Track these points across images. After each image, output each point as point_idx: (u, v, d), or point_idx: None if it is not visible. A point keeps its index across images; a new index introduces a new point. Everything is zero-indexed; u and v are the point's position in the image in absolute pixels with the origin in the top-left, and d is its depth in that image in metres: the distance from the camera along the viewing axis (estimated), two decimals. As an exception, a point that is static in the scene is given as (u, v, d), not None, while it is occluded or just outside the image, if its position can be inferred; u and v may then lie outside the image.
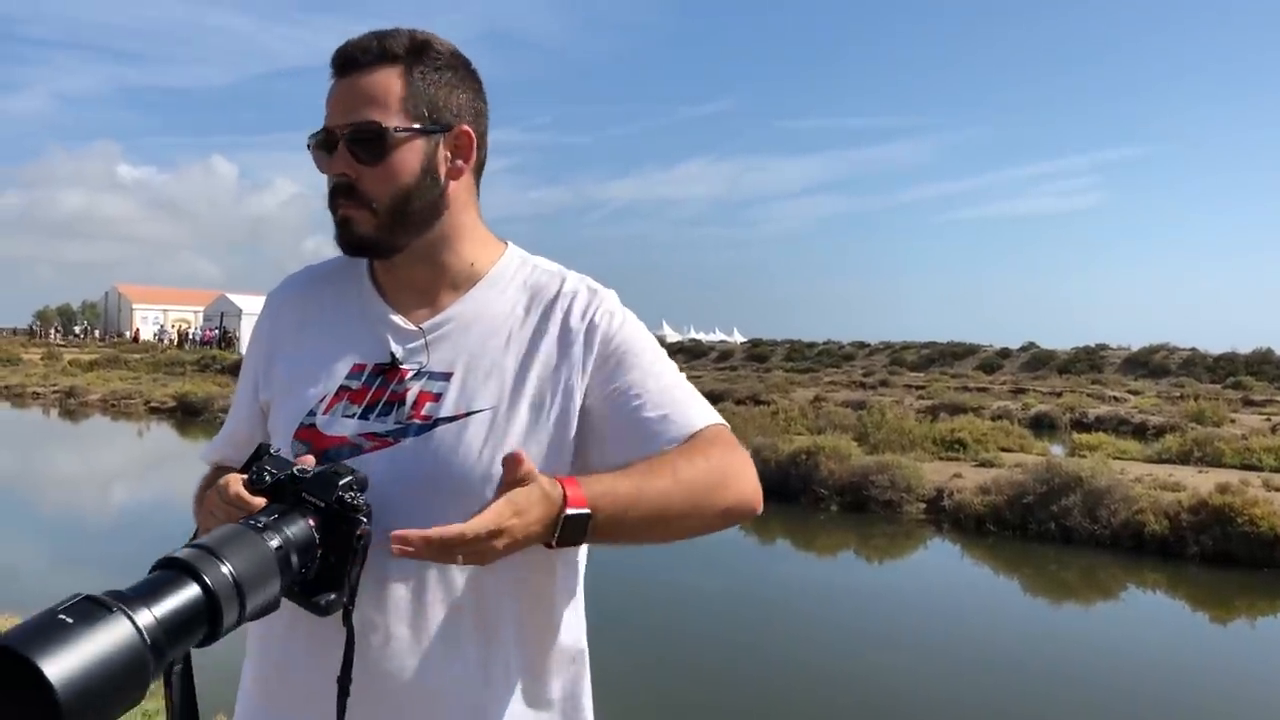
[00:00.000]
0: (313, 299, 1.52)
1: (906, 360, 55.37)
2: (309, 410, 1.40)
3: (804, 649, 8.21)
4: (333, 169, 1.39)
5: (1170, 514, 11.41)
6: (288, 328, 1.50)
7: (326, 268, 1.56)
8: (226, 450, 1.52)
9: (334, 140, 1.38)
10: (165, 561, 1.06)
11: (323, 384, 1.42)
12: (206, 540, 1.09)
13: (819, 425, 18.47)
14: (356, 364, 1.42)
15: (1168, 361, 48.34)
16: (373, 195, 1.38)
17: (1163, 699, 7.26)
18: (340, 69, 1.40)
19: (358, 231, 1.39)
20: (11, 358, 44.85)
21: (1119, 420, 25.11)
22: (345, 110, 1.38)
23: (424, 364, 1.40)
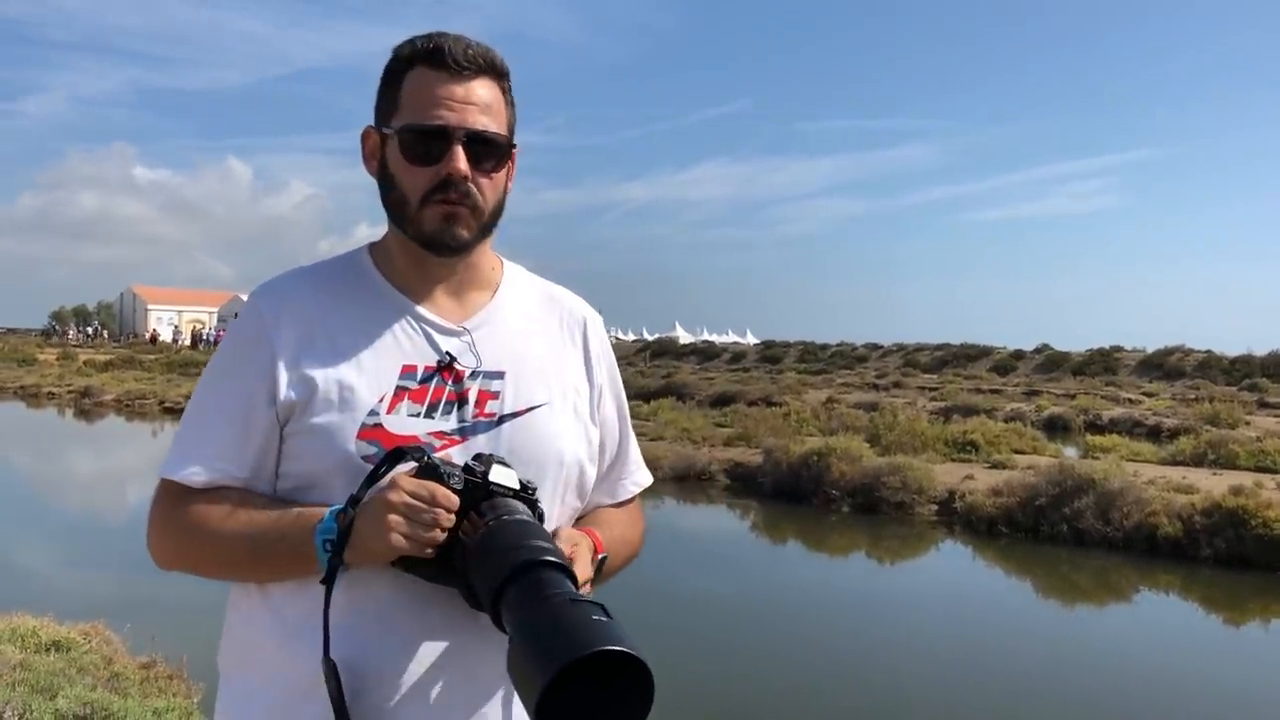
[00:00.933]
0: (321, 302, 1.46)
1: (920, 362, 55.27)
2: (370, 410, 1.39)
3: (814, 650, 8.21)
4: (455, 169, 1.39)
5: (1183, 516, 11.36)
6: (300, 333, 1.42)
7: (319, 270, 1.52)
8: (225, 467, 1.40)
9: (449, 139, 1.40)
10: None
11: (377, 385, 1.40)
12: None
13: (831, 427, 18.46)
14: (406, 365, 1.42)
15: (1183, 363, 48.14)
16: (484, 202, 1.44)
17: (1175, 701, 7.23)
18: (448, 67, 1.41)
19: (462, 234, 1.43)
20: (27, 358, 45.12)
21: (1133, 422, 25.03)
22: (470, 114, 1.41)
23: (478, 363, 1.46)
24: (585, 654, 1.07)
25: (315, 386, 1.39)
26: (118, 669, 5.41)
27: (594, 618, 1.12)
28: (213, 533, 1.38)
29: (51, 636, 5.58)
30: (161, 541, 1.45)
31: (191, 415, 1.45)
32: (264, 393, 1.40)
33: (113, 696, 4.59)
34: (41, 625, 5.73)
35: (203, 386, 1.47)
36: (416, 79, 1.42)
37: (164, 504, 1.44)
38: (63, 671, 4.93)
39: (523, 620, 1.15)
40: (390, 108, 1.45)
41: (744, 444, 17.63)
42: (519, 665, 1.13)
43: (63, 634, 5.67)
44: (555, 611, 1.14)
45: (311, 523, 1.33)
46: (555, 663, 1.07)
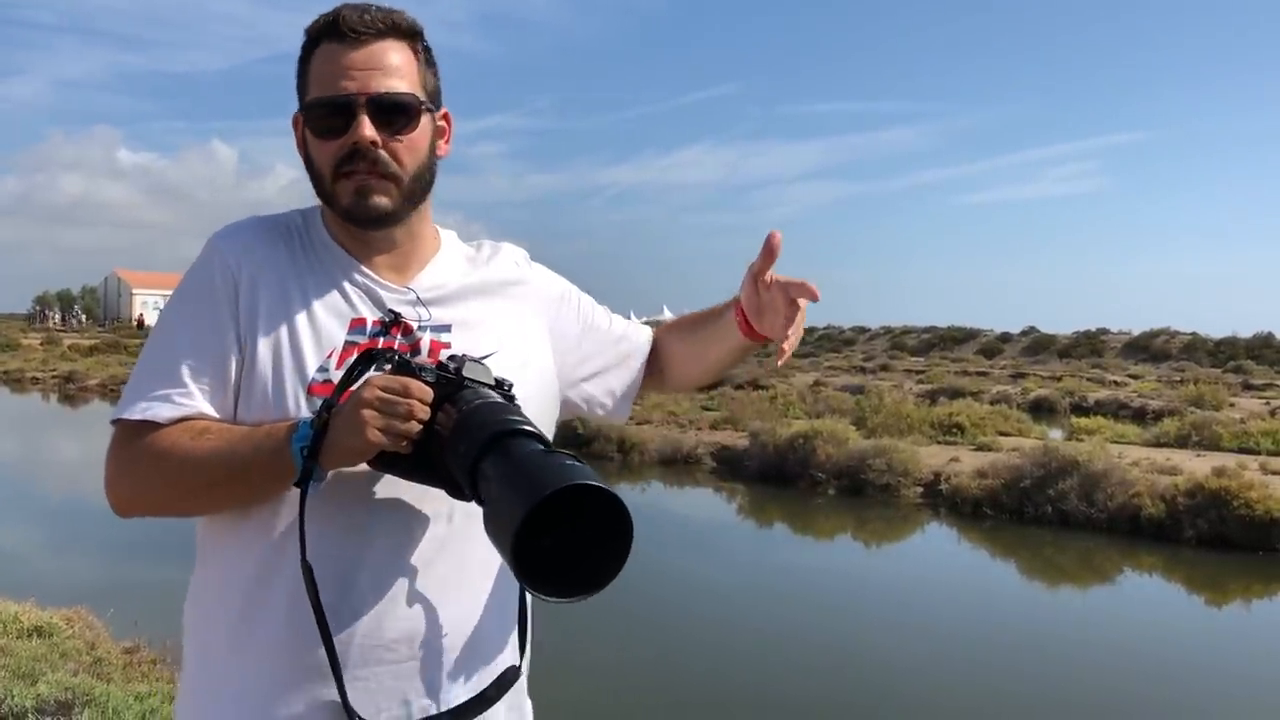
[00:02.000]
0: (276, 253, 1.44)
1: (907, 345, 55.47)
2: (320, 366, 1.37)
3: (800, 632, 8.23)
4: (360, 137, 1.37)
5: (1166, 497, 11.43)
6: (255, 280, 1.41)
7: (276, 222, 1.50)
8: (192, 404, 1.37)
9: (352, 107, 1.37)
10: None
11: (327, 339, 1.39)
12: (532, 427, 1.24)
13: (817, 410, 18.50)
14: (355, 319, 1.42)
15: (1168, 346, 48.43)
16: (399, 166, 1.41)
17: (1158, 681, 7.28)
18: (345, 36, 1.39)
19: (380, 203, 1.40)
20: (11, 343, 44.85)
21: (1118, 404, 25.15)
22: (372, 78, 1.38)
23: (426, 318, 1.45)
24: (553, 490, 1.07)
25: (265, 339, 1.38)
26: (100, 654, 5.40)
27: (565, 462, 1.13)
28: (184, 456, 1.34)
29: (33, 622, 5.56)
30: (123, 480, 1.40)
31: (154, 355, 1.41)
32: (232, 335, 1.38)
33: (95, 681, 4.57)
34: (23, 610, 5.71)
35: (165, 328, 1.43)
36: (321, 55, 1.40)
37: (125, 445, 1.39)
38: (45, 657, 4.92)
39: (496, 477, 1.15)
40: (302, 88, 1.43)
41: (730, 427, 17.65)
42: (494, 520, 1.13)
43: (45, 619, 5.65)
44: (525, 460, 1.14)
45: (285, 432, 1.31)
46: (526, 503, 1.07)
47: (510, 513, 1.09)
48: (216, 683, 1.39)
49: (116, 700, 4.29)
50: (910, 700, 6.72)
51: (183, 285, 1.45)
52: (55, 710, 4.18)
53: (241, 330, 1.38)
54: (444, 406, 1.28)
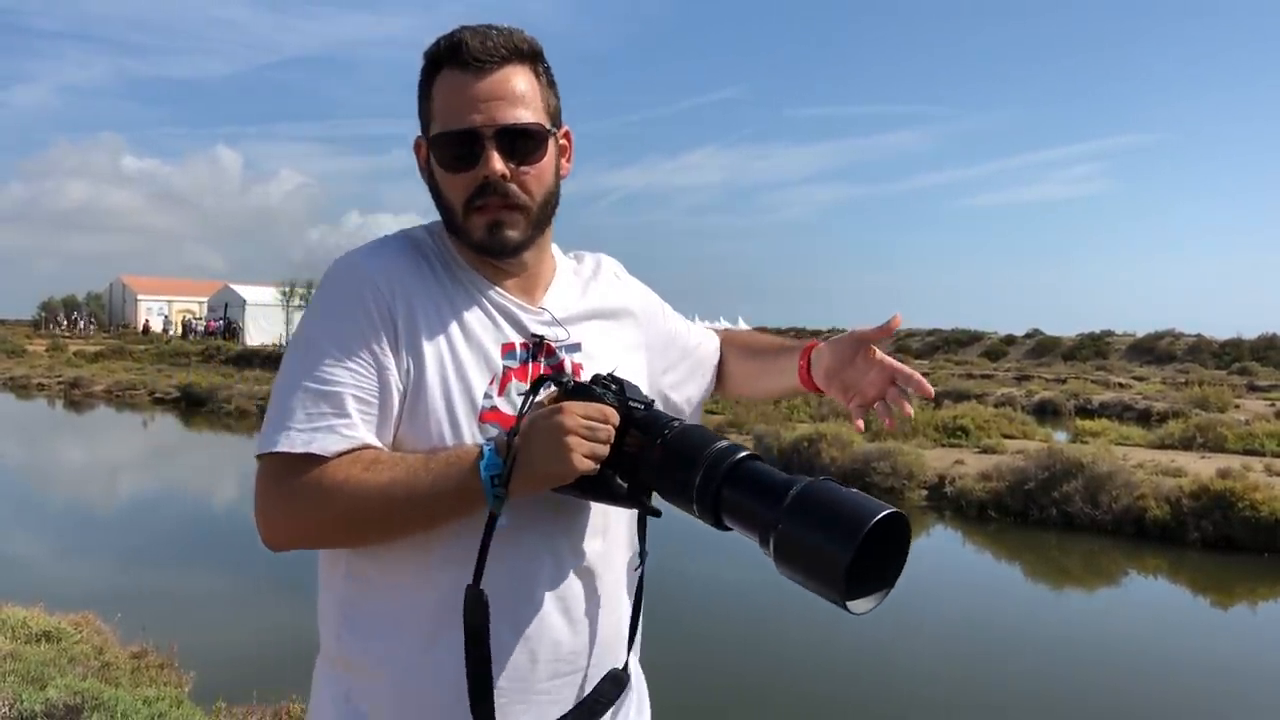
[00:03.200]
0: (422, 276, 1.43)
1: (911, 348, 55.36)
2: (485, 393, 1.39)
3: (803, 635, 8.23)
4: (491, 171, 1.37)
5: (1171, 499, 11.41)
6: (410, 306, 1.39)
7: (412, 241, 1.48)
8: (358, 435, 1.35)
9: (480, 140, 1.37)
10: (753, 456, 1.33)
11: (487, 366, 1.41)
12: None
13: (821, 412, 18.49)
14: (505, 344, 1.43)
15: (1173, 347, 48.33)
16: (529, 196, 1.41)
17: (1164, 683, 7.28)
18: (468, 65, 1.38)
19: (511, 236, 1.41)
20: (16, 349, 44.93)
21: (1123, 406, 25.10)
22: (499, 109, 1.38)
23: (565, 338, 1.48)
24: (874, 521, 1.17)
25: (431, 367, 1.38)
26: (108, 659, 5.42)
27: (850, 489, 1.24)
28: (360, 489, 1.31)
29: (42, 627, 5.58)
30: (285, 516, 1.36)
31: (308, 383, 1.35)
32: (395, 364, 1.37)
33: (103, 686, 4.60)
34: (32, 616, 5.73)
35: (315, 351, 1.37)
36: (443, 83, 1.40)
37: (284, 478, 1.33)
38: (53, 661, 4.94)
39: (798, 508, 1.22)
40: (426, 115, 1.43)
41: (735, 430, 17.65)
42: (800, 551, 1.21)
43: (53, 624, 5.67)
44: (825, 491, 1.23)
45: (470, 460, 1.31)
46: (853, 535, 1.16)
47: (831, 545, 1.17)
48: (393, 705, 1.39)
49: (125, 704, 4.31)
50: (914, 702, 6.73)
51: (329, 307, 1.40)
52: (64, 714, 4.21)
53: (404, 357, 1.37)
54: (629, 430, 1.35)
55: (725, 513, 1.29)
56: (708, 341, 1.80)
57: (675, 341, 1.72)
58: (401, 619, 1.39)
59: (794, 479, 1.25)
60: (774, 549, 1.23)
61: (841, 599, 1.18)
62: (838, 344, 1.59)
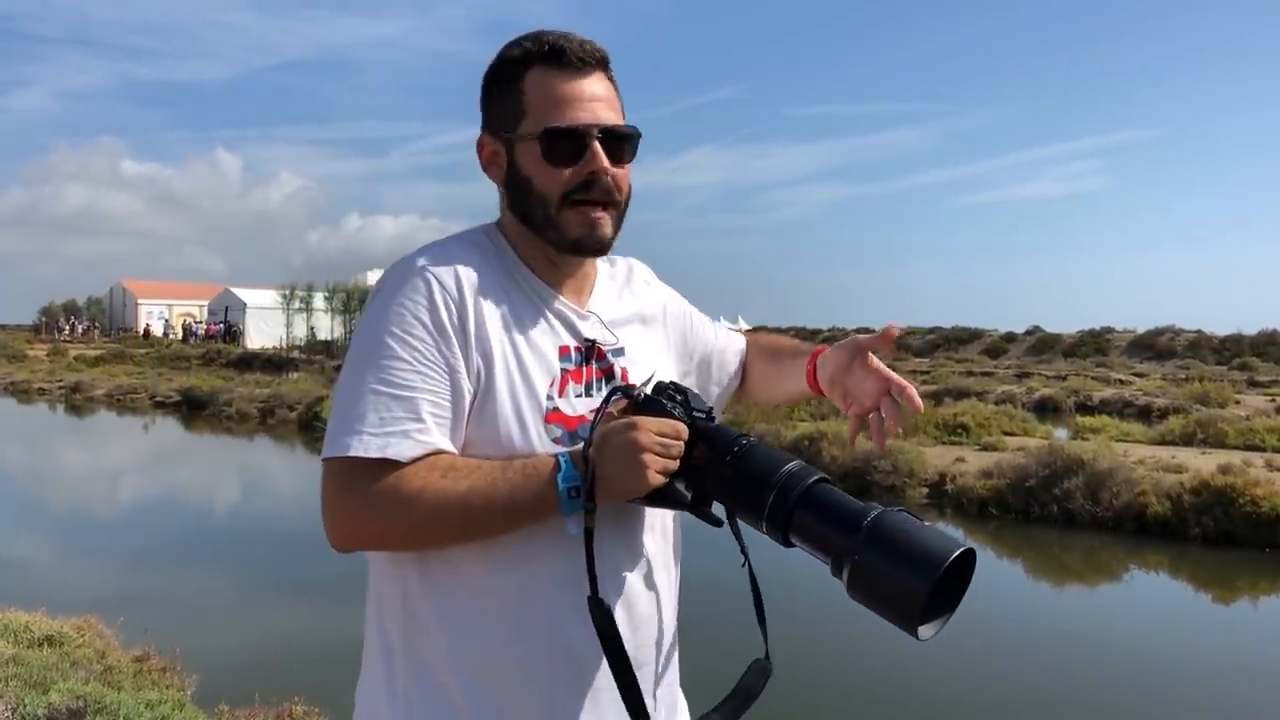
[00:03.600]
0: (486, 280, 1.45)
1: (911, 346, 55.34)
2: (547, 395, 1.43)
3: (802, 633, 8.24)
4: (602, 167, 1.43)
5: (1172, 496, 11.42)
6: (480, 309, 1.41)
7: (473, 244, 1.50)
8: (431, 440, 1.36)
9: (587, 138, 1.43)
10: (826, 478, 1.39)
11: (548, 368, 1.45)
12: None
13: (822, 411, 18.48)
14: (562, 346, 1.47)
15: (1173, 344, 48.31)
16: (620, 195, 1.48)
17: (1166, 678, 7.28)
18: (569, 65, 1.44)
19: (607, 233, 1.47)
20: (17, 354, 44.93)
21: (1123, 403, 25.10)
22: (601, 110, 1.44)
23: (614, 342, 1.54)
24: (957, 553, 1.23)
25: (499, 368, 1.41)
26: (111, 662, 5.43)
27: (924, 524, 1.29)
28: (439, 496, 1.33)
29: (44, 631, 5.59)
30: (359, 521, 1.35)
31: (380, 387, 1.35)
32: (465, 367, 1.39)
33: (106, 690, 4.60)
34: (34, 620, 5.74)
35: (384, 355, 1.37)
36: (540, 81, 1.45)
37: (358, 484, 1.33)
38: (56, 665, 4.95)
39: (876, 539, 1.27)
40: (513, 112, 1.46)
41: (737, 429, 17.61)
42: (876, 580, 1.27)
43: (55, 628, 5.68)
44: (902, 523, 1.27)
45: (547, 470, 1.35)
46: (936, 566, 1.22)
47: (909, 580, 1.23)
48: (477, 704, 1.41)
49: (128, 708, 4.32)
50: (915, 700, 6.74)
51: (396, 309, 1.39)
52: (66, 719, 4.21)
53: (473, 359, 1.39)
54: (697, 444, 1.40)
55: (795, 534, 1.35)
56: (734, 345, 1.86)
57: (704, 343, 1.78)
58: (476, 617, 1.41)
59: (869, 507, 1.30)
60: (848, 577, 1.28)
61: (914, 630, 1.26)
62: (839, 350, 1.63)
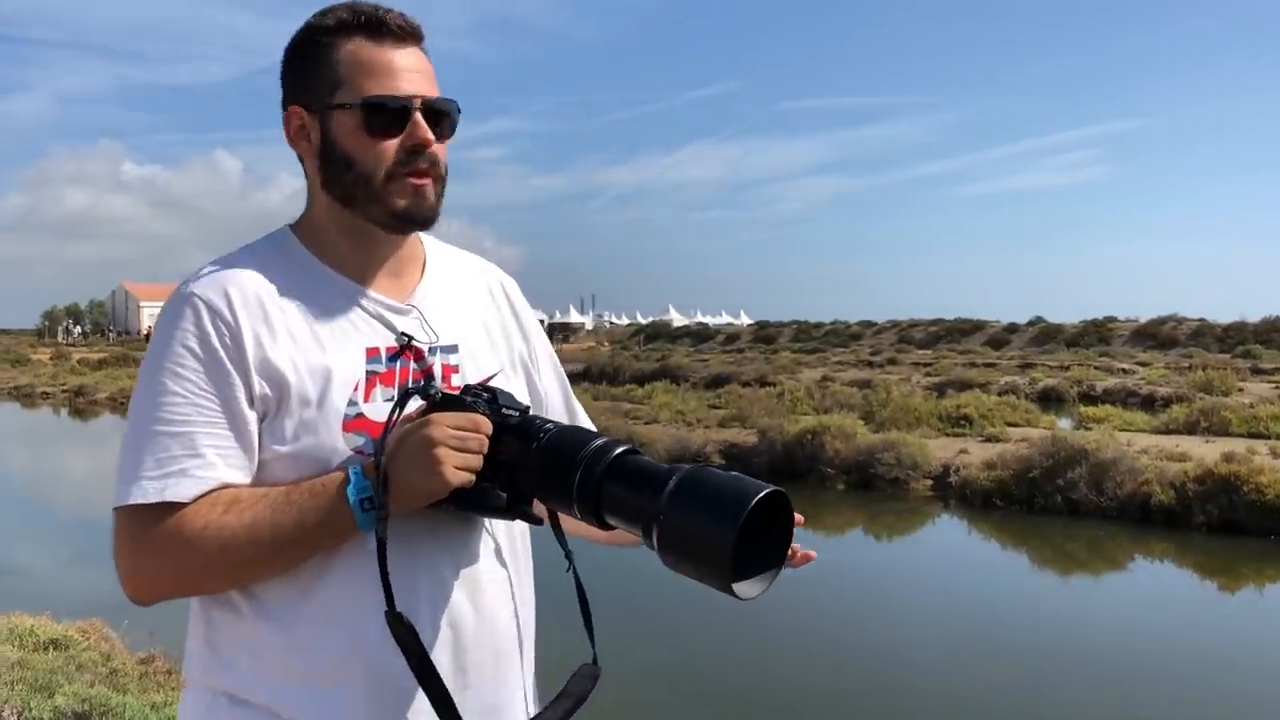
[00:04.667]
0: (268, 290, 1.36)
1: (914, 338, 55.39)
2: (349, 401, 1.33)
3: (811, 627, 8.24)
4: (426, 139, 1.37)
5: (1176, 484, 11.42)
6: (257, 325, 1.33)
7: (253, 256, 1.41)
8: (213, 475, 1.29)
9: (409, 110, 1.37)
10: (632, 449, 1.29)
11: (350, 373, 1.34)
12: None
13: (825, 405, 18.50)
14: (370, 348, 1.37)
15: (1176, 332, 48.23)
16: (443, 169, 1.41)
17: (1170, 667, 7.28)
18: (388, 36, 1.38)
19: (434, 204, 1.40)
20: (20, 358, 45.00)
21: (1127, 392, 25.09)
22: (420, 80, 1.38)
23: (435, 339, 1.43)
24: (763, 494, 1.16)
25: (288, 380, 1.31)
26: (116, 665, 5.43)
27: (726, 471, 1.22)
28: (222, 533, 1.26)
29: (49, 634, 5.60)
30: (148, 571, 1.30)
31: (155, 426, 1.29)
32: (244, 391, 1.31)
33: (111, 693, 4.61)
34: (39, 624, 5.75)
35: (157, 394, 1.30)
36: (357, 51, 1.37)
37: (142, 532, 1.28)
38: (61, 669, 4.95)
39: (680, 496, 1.18)
40: (327, 82, 1.37)
41: (739, 425, 17.65)
42: (682, 538, 1.17)
43: (60, 632, 5.68)
44: (706, 476, 1.19)
45: (334, 486, 1.27)
46: (735, 516, 1.13)
47: (714, 529, 1.14)
48: None
49: (133, 711, 4.33)
50: (922, 691, 6.74)
51: (166, 346, 1.32)
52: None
53: (255, 380, 1.31)
54: (503, 438, 1.30)
55: (607, 510, 1.26)
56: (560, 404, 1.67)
57: (555, 406, 1.63)
58: (278, 649, 1.32)
59: (675, 468, 1.22)
60: (657, 540, 1.19)
61: (727, 584, 1.15)
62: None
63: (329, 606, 1.31)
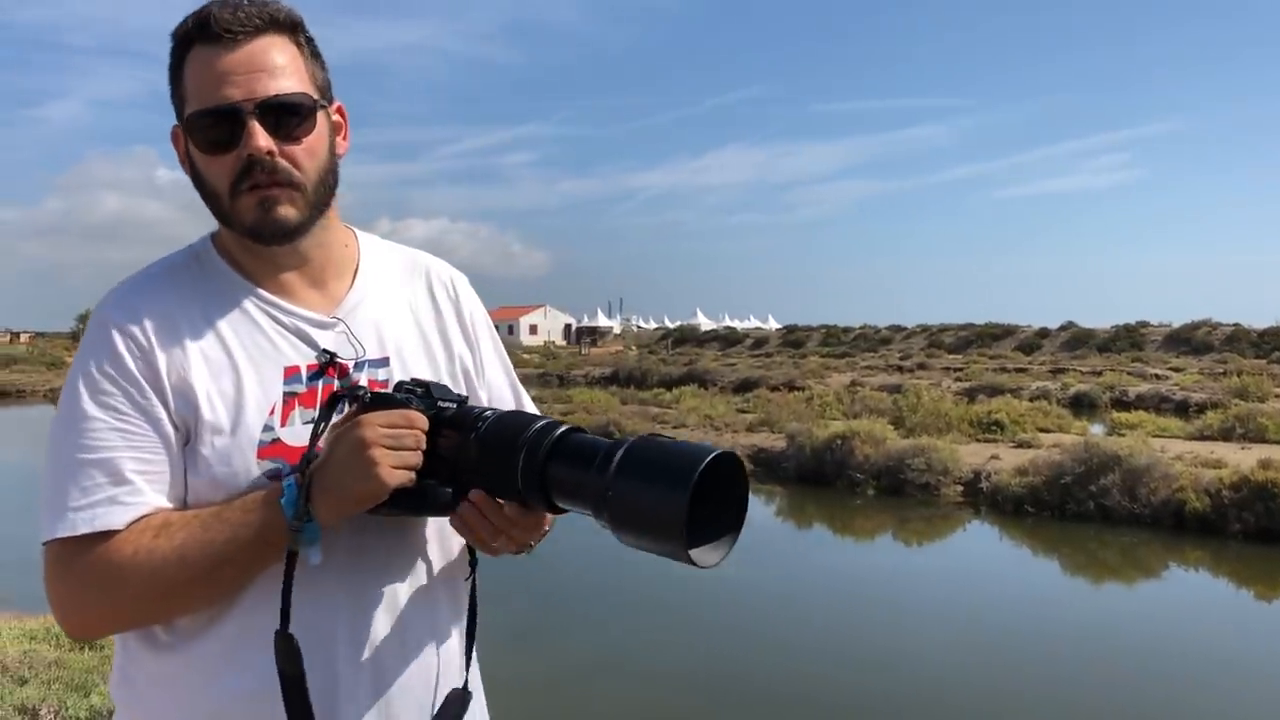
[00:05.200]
0: (182, 308, 1.30)
1: (944, 342, 55.04)
2: (264, 426, 1.26)
3: (842, 632, 8.22)
4: (255, 147, 1.23)
5: (1211, 491, 11.28)
6: (169, 346, 1.27)
7: (167, 272, 1.35)
8: (142, 500, 1.22)
9: (240, 116, 1.23)
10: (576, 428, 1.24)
11: (264, 396, 1.27)
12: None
13: (854, 410, 18.42)
14: (288, 367, 1.29)
15: (1210, 337, 47.66)
16: (301, 173, 1.28)
17: (1205, 676, 7.19)
18: (220, 37, 1.24)
19: (286, 214, 1.27)
20: (56, 361, 45.60)
21: (1160, 398, 24.84)
22: (257, 81, 1.24)
23: (361, 353, 1.34)
24: (706, 463, 1.10)
25: (200, 406, 1.25)
26: (150, 665, 5.48)
27: (667, 438, 1.17)
28: (152, 559, 1.19)
29: (85, 635, 5.65)
30: (80, 605, 1.24)
31: (77, 456, 1.23)
32: (163, 411, 1.25)
33: (146, 692, 4.65)
34: (75, 624, 5.81)
35: (77, 421, 1.24)
36: (195, 61, 1.26)
37: (71, 564, 1.21)
38: (97, 668, 5.00)
39: (627, 468, 1.13)
40: (179, 99, 1.28)
41: (767, 429, 17.61)
42: (635, 510, 1.13)
43: (96, 632, 5.74)
44: (652, 445, 1.15)
45: (262, 502, 1.20)
46: (685, 482, 1.09)
47: (665, 496, 1.09)
48: None
49: (167, 710, 4.36)
50: (953, 698, 6.69)
51: (83, 371, 1.27)
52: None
53: (172, 401, 1.24)
54: (442, 431, 1.24)
55: (556, 494, 1.20)
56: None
57: (501, 400, 1.53)
58: (188, 684, 1.25)
59: (620, 442, 1.17)
60: (609, 517, 1.14)
61: (684, 551, 1.10)
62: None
63: (241, 635, 1.23)
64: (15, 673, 4.79)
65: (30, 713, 4.29)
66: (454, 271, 1.54)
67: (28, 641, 5.37)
